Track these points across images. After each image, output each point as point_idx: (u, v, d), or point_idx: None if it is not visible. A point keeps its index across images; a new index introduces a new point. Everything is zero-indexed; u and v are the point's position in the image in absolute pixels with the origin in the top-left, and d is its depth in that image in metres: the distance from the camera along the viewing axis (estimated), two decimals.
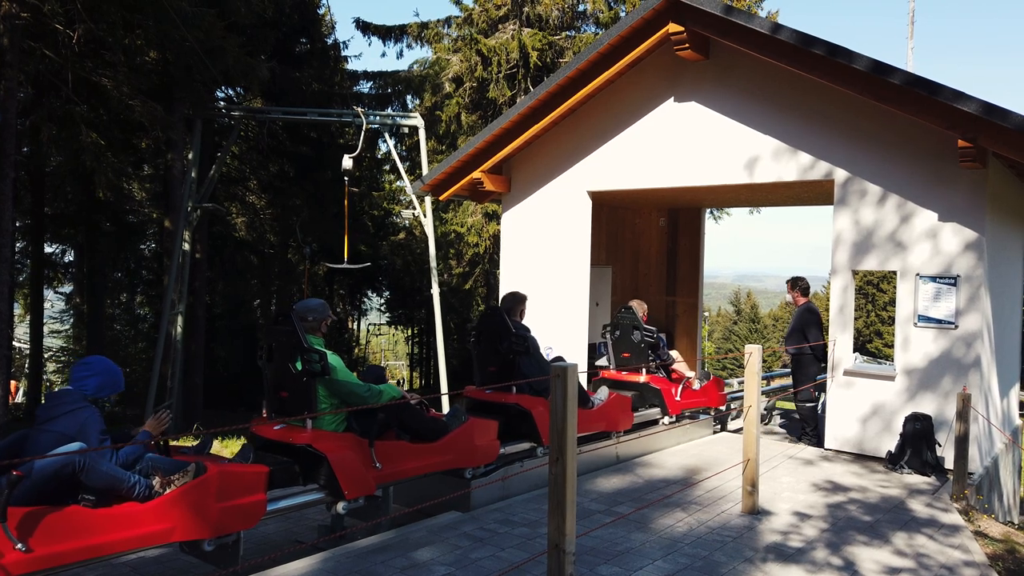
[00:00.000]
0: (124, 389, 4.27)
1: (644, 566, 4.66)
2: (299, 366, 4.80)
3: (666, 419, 8.28)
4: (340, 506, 4.79)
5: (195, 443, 4.78)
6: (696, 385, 8.81)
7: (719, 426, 9.46)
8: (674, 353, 9.00)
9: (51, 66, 13.82)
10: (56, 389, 4.17)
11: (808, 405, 8.62)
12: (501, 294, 10.81)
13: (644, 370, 8.41)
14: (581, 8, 21.97)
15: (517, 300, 6.99)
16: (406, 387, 40.05)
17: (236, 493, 4.12)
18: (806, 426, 8.68)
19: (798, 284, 8.97)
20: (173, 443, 4.60)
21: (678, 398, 8.32)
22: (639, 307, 8.72)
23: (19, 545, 3.32)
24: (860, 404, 7.95)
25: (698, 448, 8.24)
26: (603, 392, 7.39)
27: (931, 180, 7.47)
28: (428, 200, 17.69)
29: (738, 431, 9.23)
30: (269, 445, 4.92)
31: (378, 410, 5.07)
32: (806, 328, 8.63)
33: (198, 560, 4.52)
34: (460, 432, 5.58)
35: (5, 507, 3.32)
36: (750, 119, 8.47)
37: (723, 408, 9.28)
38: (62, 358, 27.26)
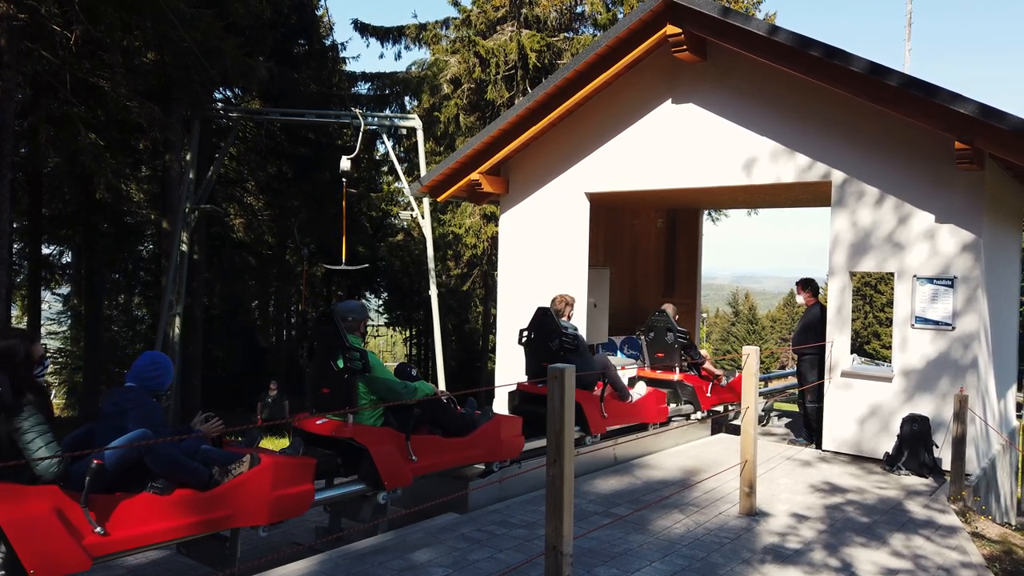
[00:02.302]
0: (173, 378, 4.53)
1: (642, 567, 4.66)
2: (340, 364, 5.04)
3: (698, 414, 8.80)
4: (380, 496, 5.06)
5: (241, 439, 5.01)
6: (724, 382, 9.25)
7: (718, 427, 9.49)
8: (704, 352, 9.26)
9: (49, 67, 13.81)
10: (117, 386, 4.41)
11: (813, 405, 8.64)
12: (499, 296, 10.84)
13: (677, 368, 8.87)
14: (579, 10, 21.99)
15: (566, 302, 7.46)
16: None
17: (288, 482, 4.37)
18: (811, 426, 8.71)
19: (809, 285, 9.09)
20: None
21: (709, 395, 8.88)
22: (672, 310, 9.22)
23: (98, 529, 3.57)
24: (858, 405, 7.96)
25: (696, 449, 8.24)
26: (641, 387, 7.99)
27: (928, 181, 7.48)
28: (426, 201, 17.69)
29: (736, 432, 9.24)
30: (311, 439, 5.17)
31: (413, 406, 5.30)
32: (817, 328, 8.67)
33: (196, 562, 4.53)
34: (488, 427, 5.84)
35: (87, 494, 3.57)
36: (748, 120, 8.48)
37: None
38: (59, 359, 27.19)
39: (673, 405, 8.68)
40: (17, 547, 3.29)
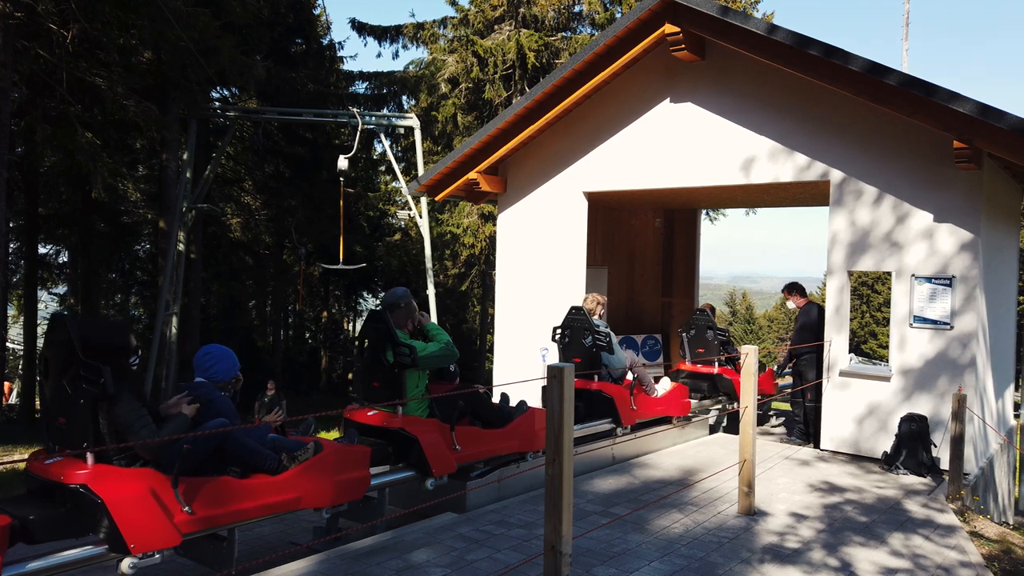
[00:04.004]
0: (240, 366, 4.77)
1: (641, 567, 4.65)
2: (390, 358, 5.37)
3: (735, 404, 9.26)
4: (428, 483, 5.34)
5: (299, 428, 5.28)
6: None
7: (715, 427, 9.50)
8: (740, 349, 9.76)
9: (45, 66, 13.76)
10: (188, 381, 4.70)
11: (811, 404, 8.67)
12: (497, 295, 10.82)
13: (716, 363, 9.50)
14: (577, 9, 21.96)
15: (598, 302, 7.92)
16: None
17: (348, 468, 4.73)
18: (808, 425, 8.73)
19: (795, 288, 9.29)
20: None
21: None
22: (712, 310, 10.19)
23: (186, 508, 3.88)
24: (856, 405, 7.96)
25: (694, 449, 8.24)
26: (665, 382, 8.42)
27: (927, 181, 7.48)
28: (424, 201, 17.67)
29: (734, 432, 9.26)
30: (363, 429, 5.49)
31: (458, 398, 5.66)
32: (814, 327, 8.76)
33: (192, 562, 4.51)
34: (523, 419, 6.15)
35: (177, 475, 3.87)
36: (746, 120, 8.48)
37: (774, 395, 10.55)
38: None
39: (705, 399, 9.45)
40: (120, 523, 3.60)
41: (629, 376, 7.80)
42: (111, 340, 3.89)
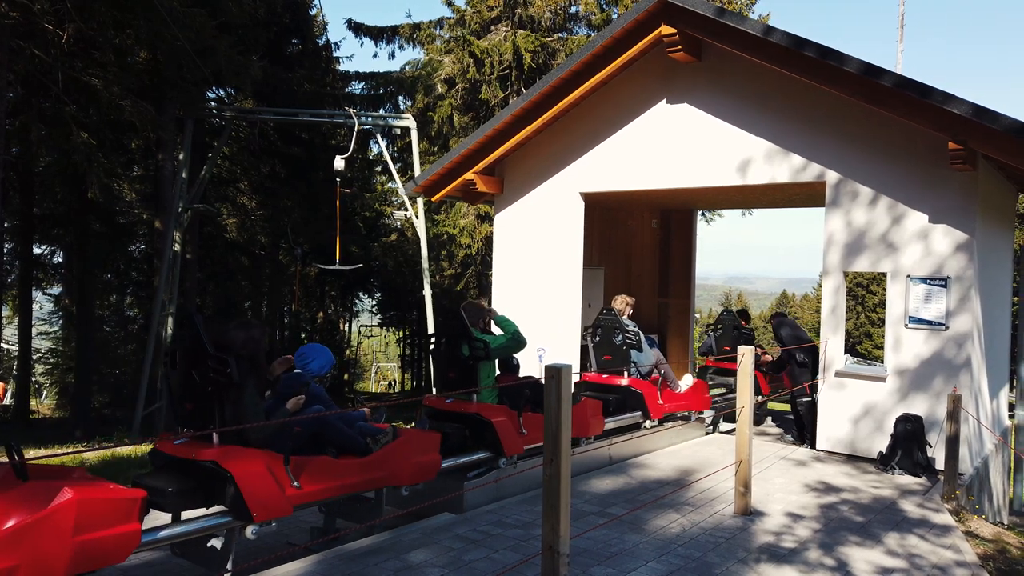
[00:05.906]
0: (336, 361, 5.31)
1: (638, 567, 4.66)
2: (466, 351, 5.91)
3: (760, 397, 10.06)
4: (501, 462, 5.93)
5: (372, 416, 5.67)
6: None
7: (711, 427, 9.52)
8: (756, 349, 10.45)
9: (41, 66, 13.71)
10: (290, 372, 5.11)
11: (807, 400, 8.73)
12: (494, 296, 10.83)
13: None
14: (573, 10, 21.97)
15: (627, 302, 8.33)
16: (398, 388, 39.98)
17: (422, 452, 5.24)
18: (803, 425, 8.78)
19: (775, 316, 9.86)
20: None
21: (768, 381, 10.69)
22: (737, 312, 11.17)
23: (295, 483, 4.34)
24: (851, 405, 7.99)
25: (691, 449, 8.25)
26: (687, 379, 9.01)
27: (922, 182, 7.51)
28: (420, 201, 17.67)
29: (730, 432, 9.28)
30: (441, 415, 6.08)
31: (524, 387, 6.27)
32: (795, 332, 8.99)
33: (189, 563, 4.50)
34: (576, 409, 6.64)
35: (288, 454, 4.33)
36: (742, 121, 8.50)
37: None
38: (51, 360, 27.03)
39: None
40: (245, 495, 4.04)
41: (655, 373, 8.23)
42: (244, 337, 4.37)
